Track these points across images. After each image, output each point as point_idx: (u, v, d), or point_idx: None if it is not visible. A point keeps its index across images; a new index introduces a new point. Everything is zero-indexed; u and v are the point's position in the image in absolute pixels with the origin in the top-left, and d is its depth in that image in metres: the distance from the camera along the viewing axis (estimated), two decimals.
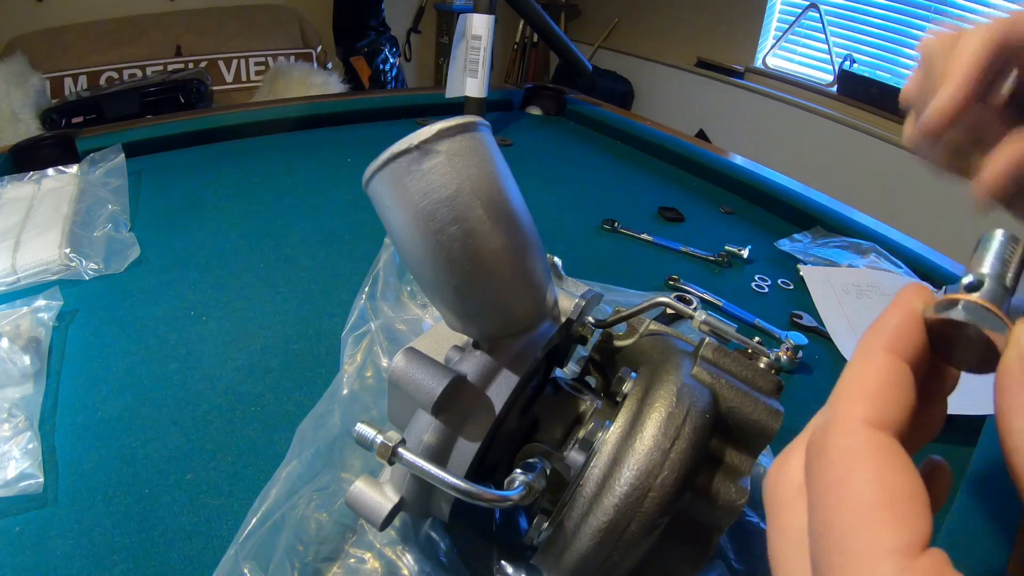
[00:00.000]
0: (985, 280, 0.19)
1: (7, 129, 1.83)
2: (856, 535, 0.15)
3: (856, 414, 0.17)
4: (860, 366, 0.18)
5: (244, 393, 0.54)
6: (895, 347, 0.18)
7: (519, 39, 3.28)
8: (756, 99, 2.61)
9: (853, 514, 0.15)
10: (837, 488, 0.16)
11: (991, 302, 0.18)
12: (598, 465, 0.30)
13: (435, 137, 0.29)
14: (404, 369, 0.32)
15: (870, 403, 0.17)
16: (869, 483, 0.16)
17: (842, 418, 0.17)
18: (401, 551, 0.41)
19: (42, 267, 0.66)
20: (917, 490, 0.16)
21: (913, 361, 0.18)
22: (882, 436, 0.17)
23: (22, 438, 0.46)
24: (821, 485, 0.17)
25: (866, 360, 0.18)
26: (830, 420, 0.18)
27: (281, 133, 1.10)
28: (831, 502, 0.16)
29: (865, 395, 0.18)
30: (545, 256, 0.35)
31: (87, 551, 0.40)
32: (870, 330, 0.19)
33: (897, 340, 0.18)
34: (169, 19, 2.37)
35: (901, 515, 0.15)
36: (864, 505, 0.15)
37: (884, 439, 0.17)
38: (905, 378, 0.18)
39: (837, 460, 0.17)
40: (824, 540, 0.16)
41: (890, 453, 0.16)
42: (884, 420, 0.17)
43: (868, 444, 0.16)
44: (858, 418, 0.17)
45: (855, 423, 0.17)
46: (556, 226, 0.88)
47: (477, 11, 1.03)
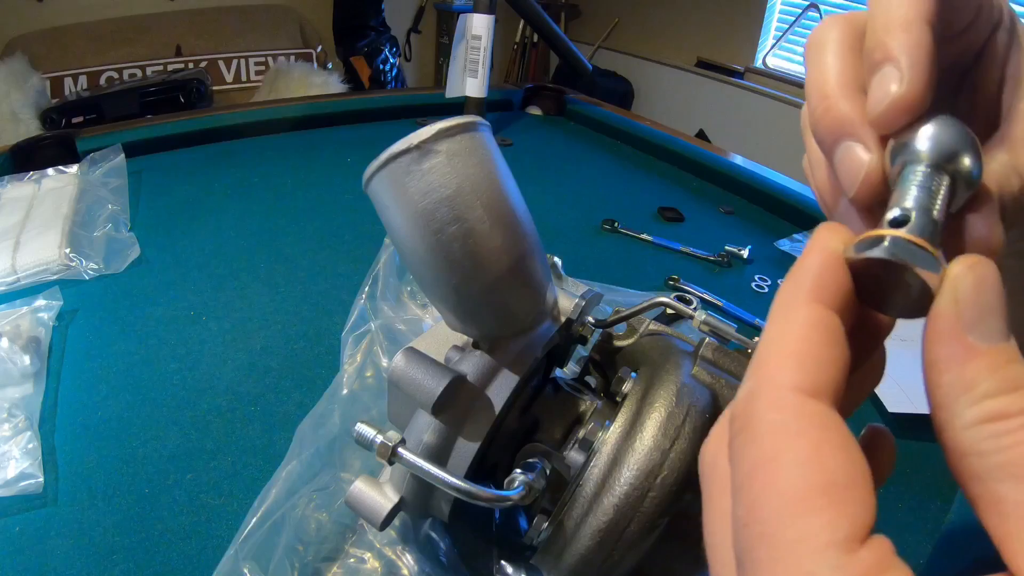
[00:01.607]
0: (912, 214, 0.16)
1: (7, 129, 1.83)
2: (786, 526, 0.13)
3: (784, 380, 0.15)
4: (783, 323, 0.16)
5: (244, 393, 0.54)
6: (820, 296, 0.16)
7: (519, 39, 3.28)
8: (756, 99, 2.60)
9: (783, 501, 0.13)
10: (764, 470, 0.14)
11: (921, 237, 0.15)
12: (598, 465, 0.30)
13: (435, 137, 0.29)
14: (404, 369, 0.32)
15: (799, 366, 0.15)
16: (802, 464, 0.13)
17: (768, 386, 0.15)
18: (401, 551, 0.41)
19: (42, 267, 0.66)
20: (858, 471, 0.14)
21: (841, 310, 0.16)
22: (816, 406, 0.14)
23: (22, 438, 0.46)
24: (745, 466, 0.14)
25: (789, 315, 0.16)
26: (754, 389, 0.15)
27: (281, 133, 1.10)
28: (757, 487, 0.14)
29: (793, 356, 0.15)
30: (545, 256, 0.35)
31: (87, 551, 0.40)
32: (788, 280, 0.16)
33: (821, 288, 0.16)
34: (169, 19, 2.38)
35: (839, 502, 0.13)
36: (796, 491, 0.13)
37: (819, 410, 0.14)
38: (836, 332, 0.15)
39: (764, 437, 0.14)
40: (749, 531, 0.14)
41: (826, 427, 0.14)
42: (817, 386, 0.14)
43: (800, 417, 0.14)
44: (786, 385, 0.14)
45: (783, 392, 0.14)
46: (556, 226, 0.88)
47: (477, 11, 1.03)
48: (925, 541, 0.45)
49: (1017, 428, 0.13)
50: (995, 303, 0.15)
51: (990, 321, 0.14)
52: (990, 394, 0.14)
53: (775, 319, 0.16)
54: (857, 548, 0.13)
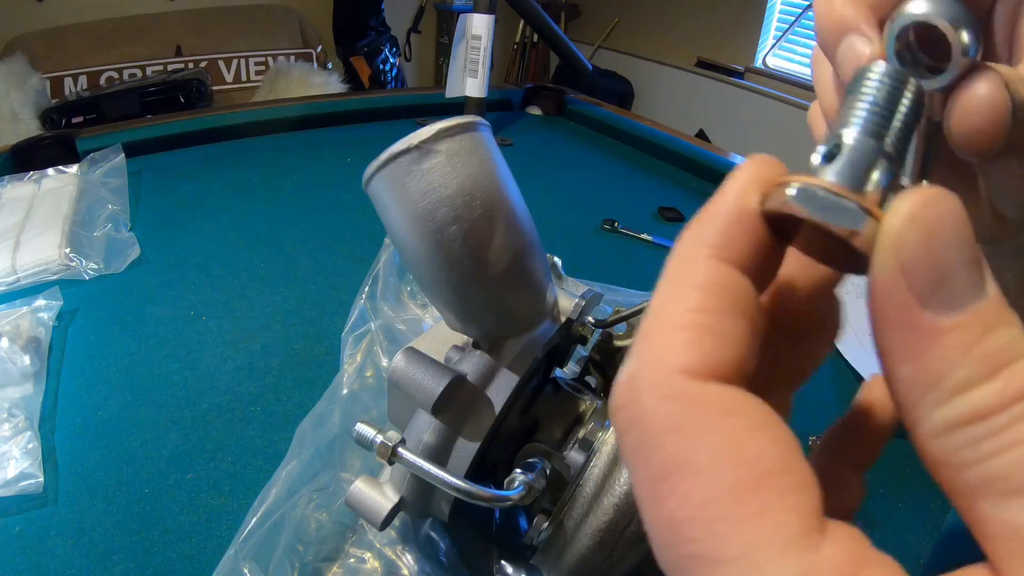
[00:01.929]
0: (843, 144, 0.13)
1: (7, 129, 1.83)
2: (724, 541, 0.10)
3: (672, 362, 0.11)
4: (675, 285, 0.12)
5: (244, 393, 0.54)
6: (724, 252, 0.12)
7: (519, 39, 3.28)
8: (756, 99, 2.60)
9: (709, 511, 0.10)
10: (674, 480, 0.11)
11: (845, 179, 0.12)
12: (598, 465, 0.30)
13: (435, 137, 0.29)
14: (404, 369, 0.32)
15: (692, 342, 0.11)
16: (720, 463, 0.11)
17: (653, 370, 0.12)
18: (401, 551, 0.41)
19: (42, 267, 0.66)
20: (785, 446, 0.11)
21: (752, 267, 0.13)
22: (716, 389, 0.11)
23: (22, 438, 0.46)
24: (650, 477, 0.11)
25: (683, 275, 0.12)
26: (635, 373, 0.12)
27: (281, 133, 1.10)
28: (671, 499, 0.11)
29: (684, 330, 0.12)
30: (545, 256, 0.35)
31: (87, 551, 0.40)
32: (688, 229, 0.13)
33: (727, 240, 0.12)
34: (169, 19, 2.38)
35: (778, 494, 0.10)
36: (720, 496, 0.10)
37: (720, 393, 0.11)
38: (742, 295, 0.12)
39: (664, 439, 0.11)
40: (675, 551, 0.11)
41: (734, 412, 0.11)
42: (717, 365, 0.11)
43: (698, 408, 0.11)
44: (675, 368, 0.11)
45: (672, 377, 0.11)
46: (556, 226, 0.88)
47: (477, 11, 1.03)
48: (925, 541, 0.45)
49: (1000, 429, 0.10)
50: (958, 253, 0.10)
51: (953, 280, 0.10)
52: (962, 387, 0.10)
53: (667, 281, 0.13)
54: (819, 542, 0.10)
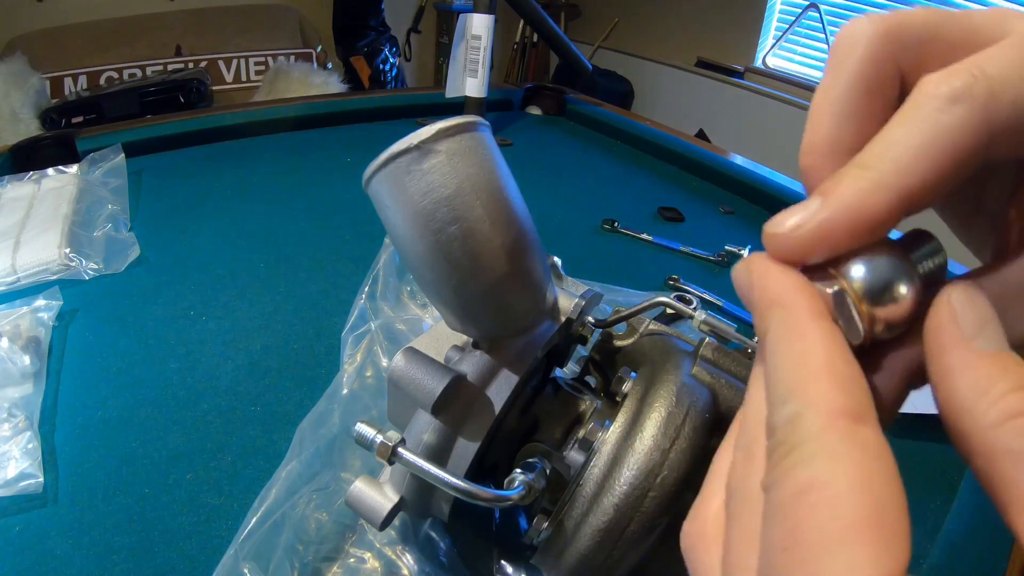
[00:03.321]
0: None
1: (7, 129, 1.83)
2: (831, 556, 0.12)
3: (832, 404, 0.14)
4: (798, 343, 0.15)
5: (244, 393, 0.54)
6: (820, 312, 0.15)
7: (519, 39, 3.28)
8: (756, 99, 2.60)
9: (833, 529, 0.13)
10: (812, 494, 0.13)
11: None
12: (598, 465, 0.30)
13: (435, 137, 0.29)
14: (404, 369, 0.32)
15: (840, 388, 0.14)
16: (856, 494, 0.13)
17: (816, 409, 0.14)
18: (401, 551, 0.41)
19: (42, 267, 0.66)
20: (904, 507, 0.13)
21: None
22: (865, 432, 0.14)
23: (22, 438, 0.46)
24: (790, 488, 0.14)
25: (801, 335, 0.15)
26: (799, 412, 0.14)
27: (281, 133, 1.10)
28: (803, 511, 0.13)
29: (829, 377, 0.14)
30: (545, 256, 0.35)
31: (87, 551, 0.40)
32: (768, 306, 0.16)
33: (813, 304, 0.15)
34: (169, 19, 2.38)
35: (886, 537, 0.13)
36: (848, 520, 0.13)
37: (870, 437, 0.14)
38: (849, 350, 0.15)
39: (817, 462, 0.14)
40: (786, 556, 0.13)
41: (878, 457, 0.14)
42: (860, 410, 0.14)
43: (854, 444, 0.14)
44: (836, 409, 0.14)
45: (834, 417, 0.14)
46: (556, 226, 0.88)
47: (477, 11, 1.03)
48: (925, 541, 0.45)
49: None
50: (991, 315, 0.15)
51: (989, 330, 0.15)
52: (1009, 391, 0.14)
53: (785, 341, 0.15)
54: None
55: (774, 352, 0.16)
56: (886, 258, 0.16)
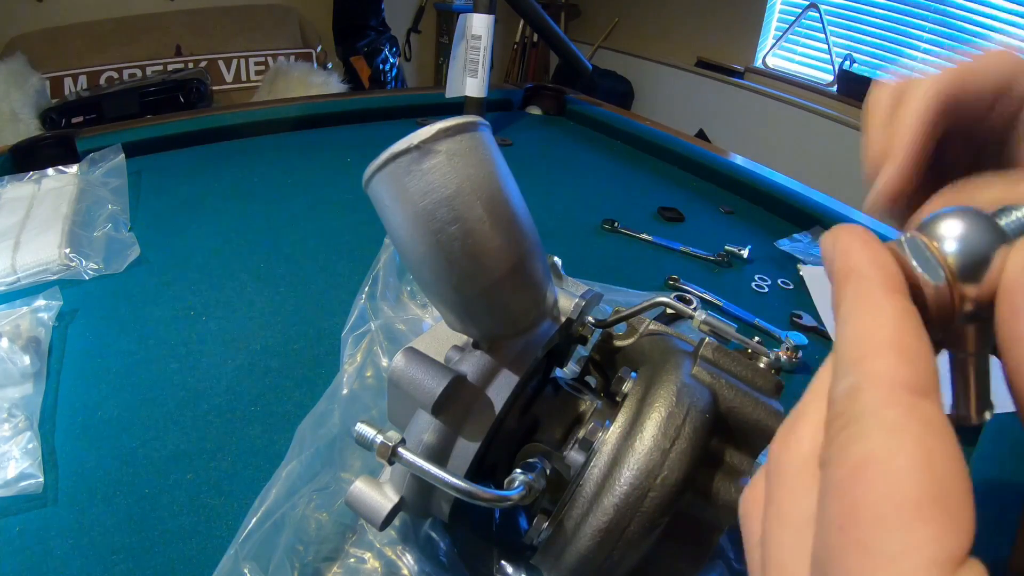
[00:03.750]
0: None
1: (7, 129, 1.83)
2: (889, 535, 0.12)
3: (895, 377, 0.13)
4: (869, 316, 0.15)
5: (244, 393, 0.54)
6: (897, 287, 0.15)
7: (519, 39, 3.28)
8: (756, 99, 2.60)
9: (890, 507, 0.12)
10: (871, 470, 0.13)
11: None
12: (598, 465, 0.30)
13: (435, 137, 0.29)
14: (404, 369, 0.32)
15: (905, 361, 0.14)
16: (915, 470, 0.12)
17: (878, 382, 0.14)
18: (401, 551, 0.41)
19: (42, 267, 0.66)
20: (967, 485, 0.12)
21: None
22: (928, 407, 0.13)
23: (22, 438, 0.46)
24: (849, 464, 0.13)
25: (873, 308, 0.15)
26: (859, 385, 0.14)
27: (281, 133, 1.10)
28: (861, 488, 0.13)
29: (895, 351, 0.14)
30: (545, 256, 0.35)
31: (87, 551, 0.40)
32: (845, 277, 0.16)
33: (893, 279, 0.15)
34: (169, 19, 2.38)
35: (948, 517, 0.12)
36: (906, 497, 0.12)
37: (931, 412, 0.13)
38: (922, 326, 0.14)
39: (875, 436, 0.13)
40: (842, 535, 0.13)
41: (940, 434, 0.13)
42: (924, 384, 0.13)
43: (914, 418, 0.13)
44: (898, 382, 0.13)
45: (895, 390, 0.13)
46: (556, 226, 0.88)
47: (477, 11, 1.03)
48: None
49: None
50: None
51: None
52: None
53: (856, 313, 0.15)
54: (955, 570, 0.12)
55: (844, 323, 0.15)
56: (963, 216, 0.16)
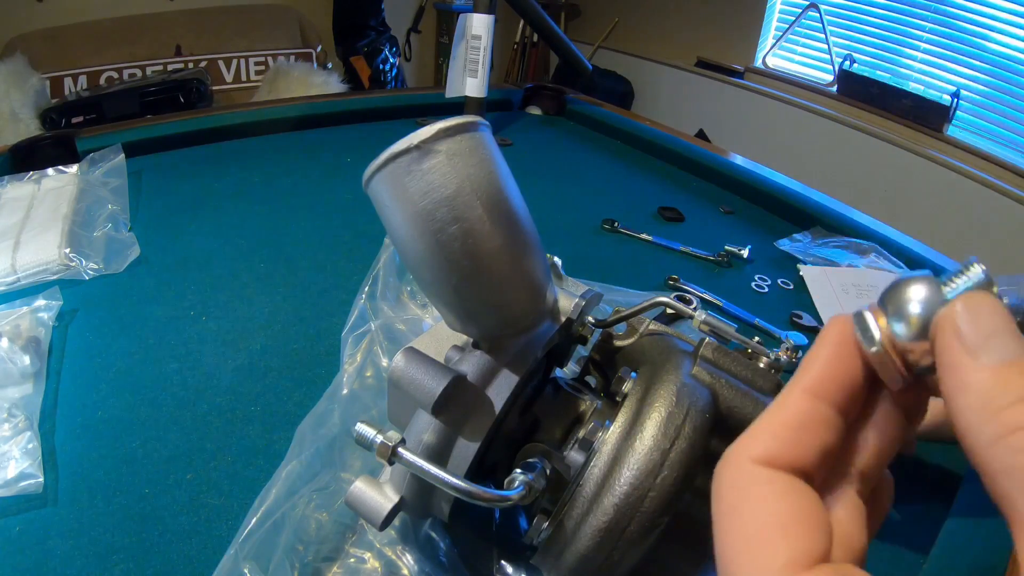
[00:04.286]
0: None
1: (7, 129, 1.83)
2: (743, 559, 0.16)
3: (748, 453, 0.18)
4: (774, 406, 0.18)
5: (244, 393, 0.54)
6: (815, 389, 0.18)
7: (519, 39, 3.28)
8: (756, 99, 2.60)
9: (741, 539, 0.16)
10: (728, 518, 0.17)
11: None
12: (598, 465, 0.30)
13: (435, 137, 0.29)
14: (404, 369, 0.32)
15: (767, 443, 0.18)
16: (755, 512, 0.17)
17: (734, 455, 0.18)
18: (401, 551, 0.41)
19: (42, 267, 0.66)
20: (805, 512, 0.16)
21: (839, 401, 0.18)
22: (768, 472, 0.17)
23: (22, 438, 0.46)
24: (716, 515, 0.18)
25: (781, 400, 0.18)
26: (727, 455, 0.18)
27: (281, 133, 1.10)
28: (724, 530, 0.17)
29: (766, 435, 0.18)
30: (545, 256, 0.35)
31: (87, 551, 0.40)
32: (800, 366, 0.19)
33: (819, 381, 0.18)
34: (169, 19, 2.37)
35: (785, 537, 0.16)
36: (749, 532, 0.16)
37: (771, 474, 0.17)
38: (819, 421, 0.18)
39: (727, 493, 0.18)
40: (721, 565, 0.17)
41: (774, 483, 0.17)
42: (779, 460, 0.17)
43: (751, 478, 0.17)
44: (747, 457, 0.18)
45: (742, 461, 0.18)
46: (556, 226, 0.88)
47: (477, 11, 1.03)
48: (925, 541, 0.45)
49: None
50: (997, 325, 0.15)
51: (997, 341, 0.15)
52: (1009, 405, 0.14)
53: (779, 397, 0.19)
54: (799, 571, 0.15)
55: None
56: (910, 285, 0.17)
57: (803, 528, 0.16)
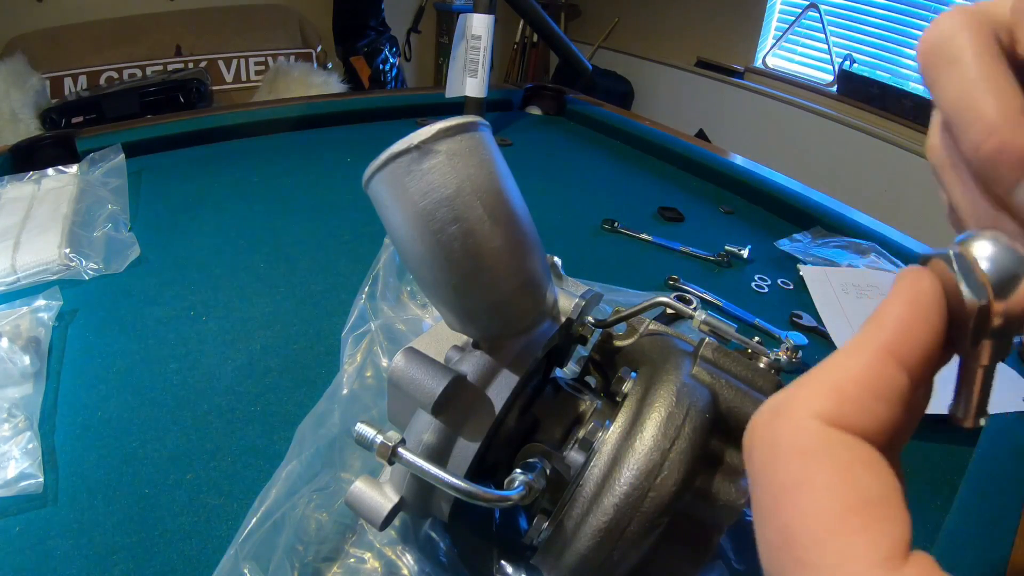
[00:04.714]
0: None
1: (7, 129, 1.83)
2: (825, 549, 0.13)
3: (812, 407, 0.14)
4: (844, 359, 0.15)
5: (244, 393, 0.54)
6: (894, 349, 0.15)
7: (519, 39, 3.28)
8: (756, 99, 2.60)
9: (818, 524, 0.13)
10: (794, 493, 0.14)
11: None
12: (598, 465, 0.30)
13: (435, 137, 0.29)
14: (404, 369, 0.32)
15: (835, 401, 0.14)
16: (833, 486, 0.13)
17: (794, 409, 0.15)
18: (401, 551, 0.41)
19: (42, 267, 0.66)
20: (892, 488, 0.14)
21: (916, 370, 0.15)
22: (839, 434, 0.14)
23: (22, 438, 0.46)
24: (772, 489, 0.14)
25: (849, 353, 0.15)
26: (779, 407, 0.15)
27: (281, 133, 1.10)
28: (788, 511, 0.14)
29: (833, 390, 0.14)
30: (545, 256, 0.35)
31: (87, 551, 0.40)
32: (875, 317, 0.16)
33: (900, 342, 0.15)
34: (169, 19, 2.37)
35: (876, 520, 0.13)
36: (830, 512, 0.13)
37: (844, 436, 0.14)
38: (895, 391, 0.15)
39: (789, 460, 0.14)
40: (783, 555, 0.14)
41: (852, 448, 0.14)
42: (846, 423, 0.14)
43: (824, 442, 0.14)
44: (812, 413, 0.14)
45: (807, 419, 0.14)
46: (556, 226, 0.88)
47: (477, 11, 1.03)
48: (925, 541, 0.45)
49: None
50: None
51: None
52: None
53: (846, 351, 0.15)
54: (901, 565, 0.12)
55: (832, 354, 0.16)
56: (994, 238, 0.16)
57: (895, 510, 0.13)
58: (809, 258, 0.83)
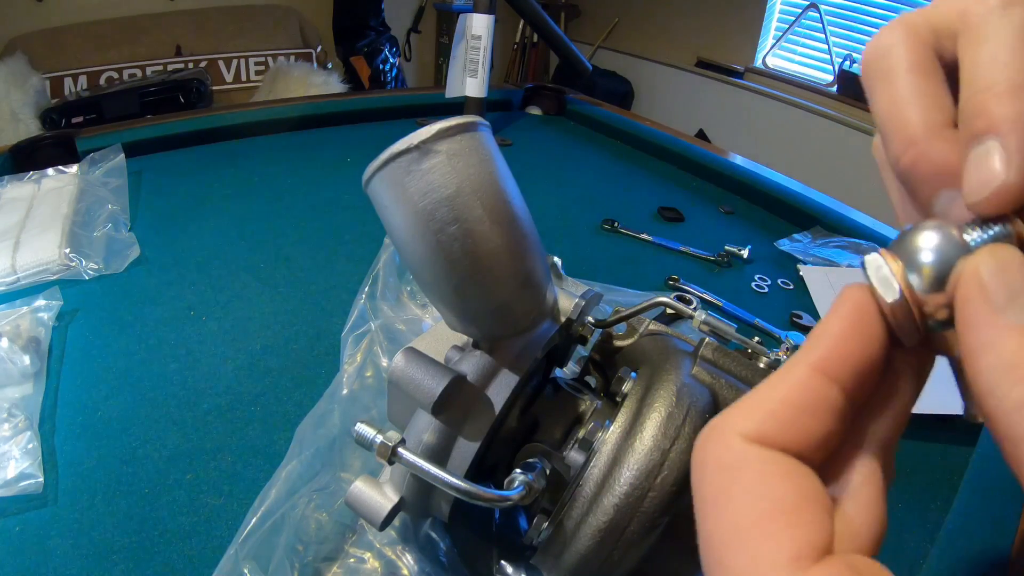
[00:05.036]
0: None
1: (7, 129, 1.83)
2: (738, 553, 0.14)
3: (738, 428, 0.16)
4: (774, 378, 0.16)
5: (244, 393, 0.54)
6: (825, 367, 0.16)
7: (519, 39, 3.28)
8: (756, 99, 2.60)
9: (734, 530, 0.14)
10: (715, 504, 0.15)
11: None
12: (598, 465, 0.30)
13: (435, 137, 0.29)
14: (404, 369, 0.32)
15: (758, 420, 0.15)
16: (748, 494, 0.15)
17: (720, 430, 0.16)
18: (401, 551, 0.41)
19: (42, 267, 0.66)
20: (809, 496, 0.15)
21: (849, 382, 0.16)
22: (760, 450, 0.15)
23: (22, 438, 0.46)
24: (699, 499, 0.16)
25: (783, 374, 0.16)
26: (712, 428, 0.16)
27: (281, 133, 1.10)
28: (711, 518, 0.15)
29: (760, 411, 0.16)
30: (545, 256, 0.35)
31: (87, 551, 0.40)
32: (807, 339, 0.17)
33: (831, 358, 0.16)
34: (169, 19, 2.37)
35: (788, 526, 0.14)
36: (745, 520, 0.14)
37: (768, 454, 0.15)
38: (825, 405, 0.15)
39: (713, 474, 0.16)
40: (708, 559, 0.15)
41: (770, 462, 0.15)
42: (771, 440, 0.15)
43: (743, 458, 0.15)
44: (737, 433, 0.16)
45: (731, 437, 0.16)
46: (556, 226, 0.88)
47: (477, 11, 1.03)
48: (925, 541, 0.45)
49: None
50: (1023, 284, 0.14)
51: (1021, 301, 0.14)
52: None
53: (779, 372, 0.16)
54: (808, 567, 0.13)
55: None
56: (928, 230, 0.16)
57: (807, 516, 0.14)
58: (809, 258, 0.83)
